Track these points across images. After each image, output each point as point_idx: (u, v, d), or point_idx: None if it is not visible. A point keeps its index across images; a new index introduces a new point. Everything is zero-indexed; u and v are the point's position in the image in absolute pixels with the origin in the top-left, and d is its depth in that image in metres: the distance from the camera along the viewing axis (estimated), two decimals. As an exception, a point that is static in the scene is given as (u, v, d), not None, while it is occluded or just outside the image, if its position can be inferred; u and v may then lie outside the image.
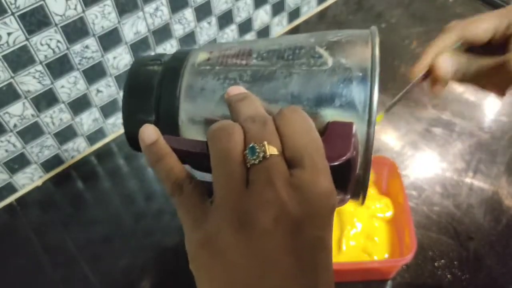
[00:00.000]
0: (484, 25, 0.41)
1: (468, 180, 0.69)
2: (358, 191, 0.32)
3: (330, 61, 0.31)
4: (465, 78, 0.42)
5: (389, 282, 0.60)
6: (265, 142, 0.25)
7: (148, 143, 0.29)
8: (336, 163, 0.27)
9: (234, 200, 0.25)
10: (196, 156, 0.29)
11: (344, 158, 0.27)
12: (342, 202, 0.32)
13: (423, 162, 0.72)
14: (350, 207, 0.63)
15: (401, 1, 1.01)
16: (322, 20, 0.98)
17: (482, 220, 0.64)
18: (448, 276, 0.59)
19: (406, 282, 0.59)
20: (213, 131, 0.27)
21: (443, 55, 0.41)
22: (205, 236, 0.26)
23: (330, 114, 0.30)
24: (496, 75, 0.40)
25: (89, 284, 0.63)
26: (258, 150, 0.25)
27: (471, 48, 0.42)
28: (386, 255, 0.60)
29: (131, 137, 0.34)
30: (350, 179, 0.29)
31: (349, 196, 0.31)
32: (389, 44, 0.91)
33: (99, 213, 0.71)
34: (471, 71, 0.41)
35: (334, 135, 0.28)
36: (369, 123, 0.30)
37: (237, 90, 0.30)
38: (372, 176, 0.66)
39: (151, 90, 0.34)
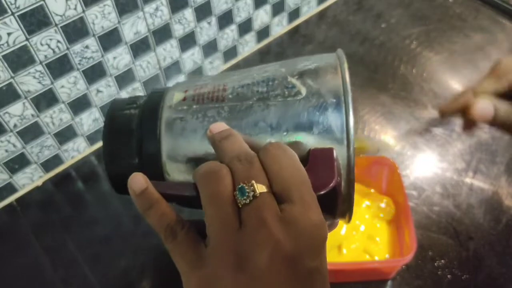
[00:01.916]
0: None
1: (468, 180, 0.69)
2: (345, 211, 0.33)
3: (303, 91, 0.32)
4: (504, 127, 0.39)
5: (389, 282, 0.60)
6: (253, 181, 0.26)
7: (138, 192, 0.29)
8: (322, 192, 0.28)
9: (229, 242, 0.26)
10: (186, 198, 0.30)
11: (329, 186, 0.28)
12: (332, 226, 0.33)
13: (423, 162, 0.72)
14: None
15: (401, 1, 1.01)
16: (322, 20, 0.98)
17: (482, 220, 0.64)
18: (448, 276, 0.59)
19: (406, 282, 0.59)
20: (201, 175, 0.28)
21: (482, 98, 0.38)
22: (204, 281, 0.26)
23: (310, 142, 0.31)
24: None
25: (89, 284, 0.63)
26: (247, 190, 0.26)
27: None
28: (387, 256, 0.60)
29: (115, 181, 0.35)
30: (337, 204, 0.30)
31: (337, 220, 0.32)
32: (389, 44, 0.91)
33: (99, 213, 0.71)
34: (509, 121, 0.38)
35: (316, 163, 0.29)
36: (348, 146, 0.30)
37: (220, 127, 0.30)
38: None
39: (131, 134, 0.34)
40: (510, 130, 0.41)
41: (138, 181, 0.29)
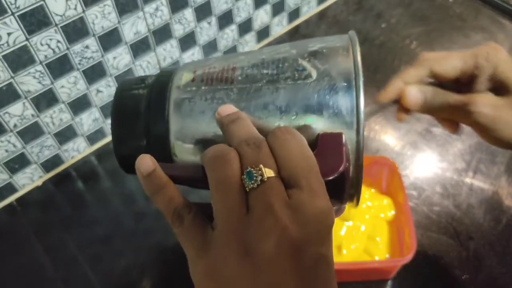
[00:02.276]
0: (453, 62, 0.42)
1: (468, 180, 0.69)
2: (352, 195, 0.32)
3: (314, 73, 0.31)
4: (430, 110, 0.43)
5: (389, 282, 0.60)
6: (261, 165, 0.26)
7: (146, 174, 0.29)
8: (330, 178, 0.28)
9: (235, 228, 0.26)
10: (194, 181, 0.30)
11: (337, 172, 0.28)
12: (339, 211, 0.33)
13: (423, 162, 0.72)
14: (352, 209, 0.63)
15: (401, 1, 1.01)
16: (322, 20, 0.98)
17: (482, 220, 0.64)
18: (448, 276, 0.59)
19: (406, 282, 0.59)
20: (209, 158, 0.27)
21: (410, 85, 0.42)
22: (210, 266, 0.26)
23: (320, 125, 0.30)
24: (456, 112, 0.42)
25: (89, 284, 0.63)
26: (255, 174, 0.26)
27: (443, 82, 0.43)
28: (387, 256, 0.60)
29: (123, 162, 0.34)
30: (345, 189, 0.30)
31: (345, 205, 0.31)
32: (389, 44, 0.91)
33: (99, 213, 0.71)
34: (435, 104, 0.42)
35: (325, 148, 0.29)
36: (358, 131, 0.30)
37: (228, 109, 0.30)
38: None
39: (139, 115, 0.34)
40: (435, 114, 0.45)
41: (145, 163, 0.29)
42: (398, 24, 0.95)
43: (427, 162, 0.72)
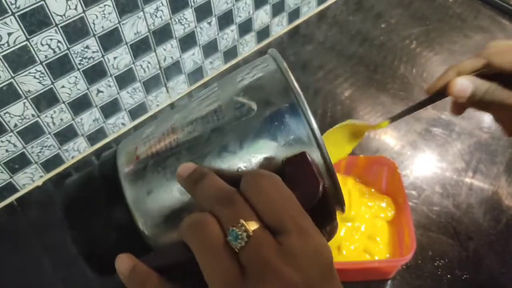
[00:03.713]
0: None
1: (467, 180, 0.69)
2: (336, 204, 0.32)
3: (254, 105, 0.30)
4: (481, 104, 0.40)
5: (389, 282, 0.60)
6: (242, 221, 0.25)
7: (127, 273, 0.28)
8: (312, 204, 0.27)
9: None
10: (181, 264, 0.28)
11: (318, 196, 0.27)
12: (333, 231, 0.31)
13: (423, 162, 0.72)
14: (352, 209, 0.63)
15: (401, 1, 1.01)
16: (322, 20, 0.98)
17: (482, 220, 0.64)
18: (448, 276, 0.59)
19: (406, 282, 0.59)
20: (186, 229, 0.26)
21: (461, 77, 0.39)
22: None
23: (280, 154, 0.29)
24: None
25: (89, 284, 0.63)
26: (239, 232, 0.24)
27: (500, 77, 0.40)
28: (387, 255, 0.60)
29: (98, 264, 0.33)
30: (331, 206, 0.29)
31: (337, 221, 0.30)
32: (389, 44, 0.91)
33: (99, 213, 0.71)
34: (488, 99, 0.39)
35: (295, 173, 0.28)
36: (319, 146, 0.29)
37: (188, 168, 0.28)
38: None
39: (99, 214, 0.32)
40: (489, 111, 0.42)
41: (124, 262, 0.28)
42: (398, 24, 0.95)
43: (427, 162, 0.72)
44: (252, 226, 0.25)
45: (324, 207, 0.28)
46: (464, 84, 0.39)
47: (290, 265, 0.24)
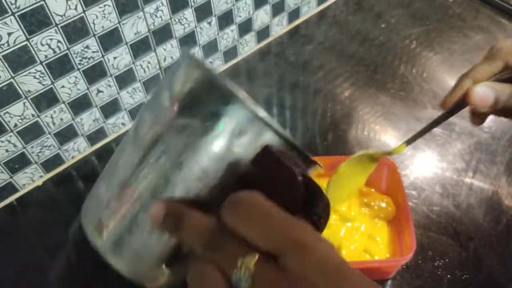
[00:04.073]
0: None
1: (468, 180, 0.69)
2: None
3: (196, 122, 0.28)
4: (504, 111, 0.37)
5: (389, 282, 0.60)
6: (239, 261, 0.24)
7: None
8: (298, 195, 0.26)
9: None
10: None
11: (299, 186, 0.26)
12: (327, 207, 0.29)
13: (423, 162, 0.72)
14: (352, 209, 0.63)
15: (401, 1, 1.01)
16: (322, 20, 0.98)
17: (482, 220, 0.64)
18: (448, 276, 0.59)
19: (406, 282, 0.59)
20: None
21: (480, 84, 0.36)
22: None
23: (244, 153, 0.28)
24: None
25: (89, 284, 0.63)
26: (241, 274, 0.24)
27: None
28: (387, 255, 0.60)
29: None
30: (313, 184, 0.27)
31: (327, 198, 0.29)
32: (389, 44, 0.91)
33: (99, 213, 0.71)
34: None
35: (268, 172, 0.27)
36: (275, 131, 0.28)
37: (158, 212, 0.27)
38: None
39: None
40: None
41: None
42: (398, 24, 0.95)
43: (427, 162, 0.72)
44: (251, 260, 0.24)
45: (307, 188, 0.27)
46: (485, 92, 0.36)
47: (304, 284, 0.23)
